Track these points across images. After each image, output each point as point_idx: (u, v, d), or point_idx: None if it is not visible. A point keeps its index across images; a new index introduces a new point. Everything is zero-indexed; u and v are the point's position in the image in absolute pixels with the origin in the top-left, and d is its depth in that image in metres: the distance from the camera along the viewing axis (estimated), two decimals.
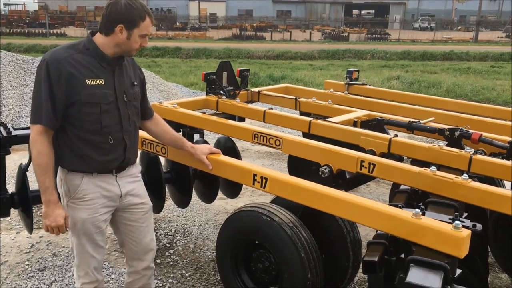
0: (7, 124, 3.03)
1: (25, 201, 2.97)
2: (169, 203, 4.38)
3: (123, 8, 2.24)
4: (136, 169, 2.60)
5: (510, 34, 41.91)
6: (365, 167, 2.86)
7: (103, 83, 2.30)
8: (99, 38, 2.31)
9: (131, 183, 2.53)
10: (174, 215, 4.61)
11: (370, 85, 5.34)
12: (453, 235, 2.06)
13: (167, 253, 3.89)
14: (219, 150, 2.99)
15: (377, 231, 2.43)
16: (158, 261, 3.74)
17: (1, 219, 3.92)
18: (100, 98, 2.28)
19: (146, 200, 2.62)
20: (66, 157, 2.33)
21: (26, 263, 3.64)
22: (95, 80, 2.27)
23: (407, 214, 2.23)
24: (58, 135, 2.31)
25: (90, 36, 2.35)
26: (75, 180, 2.36)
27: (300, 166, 3.55)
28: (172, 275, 3.58)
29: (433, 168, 2.69)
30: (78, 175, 2.35)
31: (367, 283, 3.27)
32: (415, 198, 2.80)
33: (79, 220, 2.38)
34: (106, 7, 2.28)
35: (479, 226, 2.24)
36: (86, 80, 2.25)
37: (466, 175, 2.62)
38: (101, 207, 2.41)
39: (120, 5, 2.24)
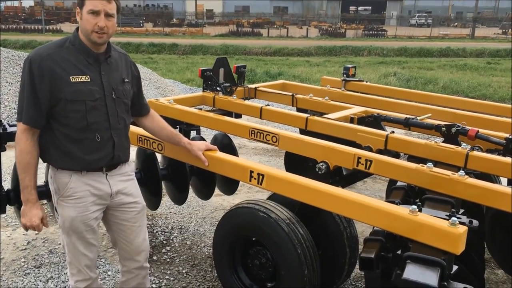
0: (3, 120, 3.01)
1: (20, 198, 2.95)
2: (165, 199, 4.38)
3: None
4: (129, 167, 2.56)
5: (507, 30, 41.97)
6: (362, 164, 2.86)
7: (89, 80, 2.26)
8: (80, 33, 2.30)
9: (123, 181, 2.49)
10: (170, 212, 4.60)
11: (367, 82, 5.35)
12: (449, 231, 2.06)
13: (163, 250, 3.89)
14: (215, 146, 2.98)
15: (373, 227, 2.43)
16: (154, 257, 3.73)
17: None
18: (86, 95, 2.25)
19: (138, 199, 2.59)
20: (54, 155, 2.31)
21: (22, 260, 3.63)
22: (80, 76, 2.24)
23: (403, 210, 2.23)
24: (45, 134, 2.29)
25: (76, 32, 2.32)
26: (64, 178, 2.33)
27: (297, 163, 3.54)
28: (168, 272, 3.58)
29: (430, 164, 2.69)
30: (67, 173, 2.33)
31: (363, 280, 3.27)
32: (411, 195, 2.80)
33: (68, 218, 2.36)
34: None
35: (475, 223, 2.25)
36: (71, 77, 2.22)
37: (463, 171, 2.62)
38: (91, 205, 2.38)
39: None
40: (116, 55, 2.43)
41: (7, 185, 3.10)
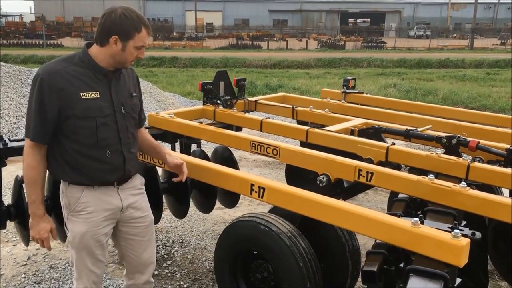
0: (4, 135, 3.01)
1: (21, 213, 2.94)
2: (166, 213, 4.36)
3: (118, 18, 2.19)
4: (139, 180, 2.56)
5: (506, 41, 42.16)
6: (363, 176, 2.86)
7: (98, 96, 2.26)
8: (94, 49, 2.28)
9: (134, 195, 2.49)
10: (171, 226, 4.59)
11: (367, 93, 5.36)
12: (452, 244, 2.05)
13: (165, 264, 3.86)
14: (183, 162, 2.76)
15: (376, 240, 2.41)
16: (156, 272, 3.70)
17: None
18: (96, 111, 2.25)
19: (147, 213, 2.57)
20: (65, 170, 2.30)
21: (23, 275, 3.61)
22: (91, 93, 2.24)
23: (405, 223, 2.22)
24: (56, 149, 2.29)
25: (86, 47, 2.31)
26: (75, 193, 2.32)
27: (297, 175, 3.53)
28: (170, 287, 3.55)
29: (431, 176, 2.69)
30: (79, 187, 2.32)
31: None
32: (413, 207, 2.79)
33: (78, 233, 2.34)
34: (101, 17, 2.24)
35: (478, 235, 2.24)
36: (81, 94, 2.21)
37: (464, 183, 2.61)
38: (102, 221, 2.37)
39: (115, 15, 2.19)
40: (124, 70, 2.44)
41: (7, 200, 3.10)
